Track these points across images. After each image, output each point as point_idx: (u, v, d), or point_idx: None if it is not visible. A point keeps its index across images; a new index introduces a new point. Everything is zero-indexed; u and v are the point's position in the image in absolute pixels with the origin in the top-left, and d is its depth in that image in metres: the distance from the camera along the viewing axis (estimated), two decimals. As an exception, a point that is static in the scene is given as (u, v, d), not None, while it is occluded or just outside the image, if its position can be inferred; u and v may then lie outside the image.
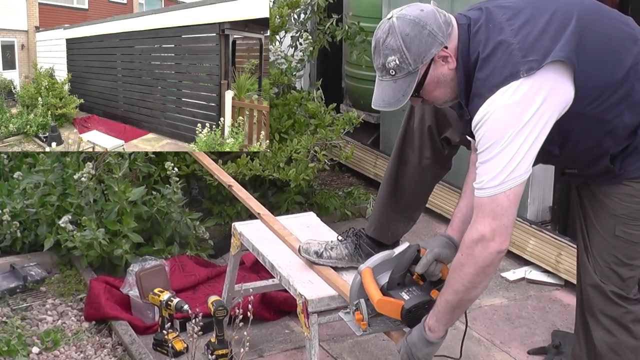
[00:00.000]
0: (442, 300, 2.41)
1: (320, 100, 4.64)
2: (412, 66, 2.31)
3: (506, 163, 2.22)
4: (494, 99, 2.22)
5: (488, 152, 2.24)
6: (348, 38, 4.68)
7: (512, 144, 2.21)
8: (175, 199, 4.10)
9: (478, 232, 2.27)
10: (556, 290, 4.00)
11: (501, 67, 2.24)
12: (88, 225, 3.88)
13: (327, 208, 4.68)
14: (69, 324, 3.68)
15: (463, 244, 2.32)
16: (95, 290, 3.69)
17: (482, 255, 2.27)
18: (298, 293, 2.82)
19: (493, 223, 2.26)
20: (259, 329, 3.62)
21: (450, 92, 2.40)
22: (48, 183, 4.17)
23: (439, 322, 2.44)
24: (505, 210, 2.26)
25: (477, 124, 2.26)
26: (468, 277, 2.31)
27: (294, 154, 4.24)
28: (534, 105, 2.21)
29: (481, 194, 2.27)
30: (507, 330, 3.66)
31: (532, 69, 2.21)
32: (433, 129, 2.75)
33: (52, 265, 4.17)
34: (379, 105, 2.39)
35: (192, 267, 4.00)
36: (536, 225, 4.24)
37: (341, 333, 3.59)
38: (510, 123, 2.21)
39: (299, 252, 2.96)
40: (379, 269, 2.57)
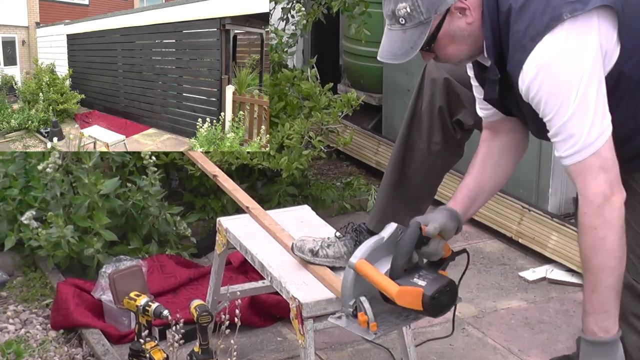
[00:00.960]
0: (603, 291, 2.28)
1: (315, 80, 4.64)
2: (424, 15, 2.30)
3: (593, 113, 2.20)
4: (542, 52, 2.21)
5: (563, 110, 2.21)
6: (346, 9, 4.66)
7: (586, 92, 2.20)
8: (153, 191, 4.09)
9: (598, 195, 2.22)
10: (581, 291, 3.98)
11: (540, 13, 2.23)
12: (54, 222, 3.86)
13: (324, 201, 4.69)
14: (34, 333, 3.67)
15: (587, 218, 2.24)
16: (63, 295, 3.68)
17: (613, 214, 2.23)
18: (291, 296, 2.81)
19: (607, 177, 2.23)
20: (248, 336, 3.62)
21: (467, 50, 2.38)
22: (8, 175, 4.16)
23: (613, 316, 2.31)
24: (611, 160, 2.24)
25: (531, 84, 2.24)
26: (616, 245, 2.24)
27: (285, 140, 4.24)
28: (589, 50, 2.20)
29: (583, 155, 2.23)
30: (527, 336, 3.66)
31: (575, 10, 2.20)
32: (444, 111, 2.74)
33: (14, 267, 4.16)
34: (385, 56, 2.38)
35: (172, 268, 4.00)
36: (558, 218, 4.24)
37: (340, 340, 3.59)
38: (573, 72, 2.19)
39: (292, 250, 2.95)
40: (372, 258, 2.50)
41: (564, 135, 2.24)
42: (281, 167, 4.22)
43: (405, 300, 2.43)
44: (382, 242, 2.52)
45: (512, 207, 4.41)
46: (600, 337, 2.30)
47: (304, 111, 4.48)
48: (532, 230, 4.27)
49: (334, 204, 4.76)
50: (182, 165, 4.34)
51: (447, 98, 2.73)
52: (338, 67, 6.02)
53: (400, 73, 5.10)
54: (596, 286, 2.28)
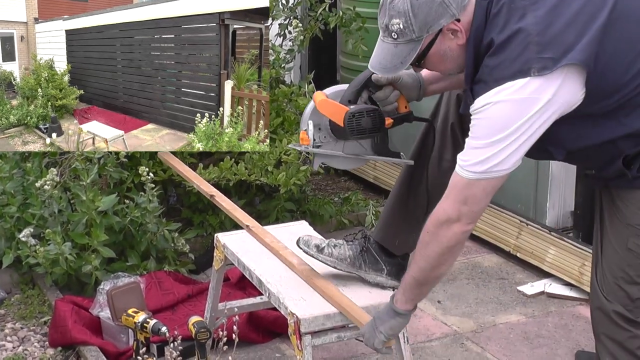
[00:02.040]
0: (408, 276, 2.57)
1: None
2: (416, 34, 2.35)
3: (495, 153, 2.32)
4: (498, 92, 2.28)
5: (479, 140, 2.33)
6: (343, 25, 4.67)
7: (506, 138, 2.30)
8: (151, 208, 4.08)
9: (445, 214, 2.41)
10: (580, 305, 4.00)
11: (513, 59, 2.27)
12: (52, 239, 3.85)
13: (322, 216, 4.68)
14: (32, 350, 3.66)
15: (429, 222, 2.47)
16: (61, 312, 3.67)
17: (446, 235, 2.43)
18: (289, 312, 2.80)
19: (462, 208, 2.39)
20: (246, 352, 3.60)
21: (455, 67, 2.47)
22: (6, 192, 4.15)
23: (406, 297, 2.59)
24: (477, 200, 2.39)
25: (476, 111, 2.34)
26: (433, 255, 2.47)
27: (283, 156, 4.23)
28: (537, 105, 2.28)
29: (462, 172, 2.37)
30: (525, 351, 3.64)
31: (545, 68, 2.25)
32: (456, 127, 2.77)
33: (12, 284, 4.15)
34: (375, 67, 2.48)
35: (170, 285, 3.99)
36: (556, 232, 4.23)
37: (338, 356, 3.58)
38: (508, 119, 2.29)
39: (298, 243, 2.97)
40: (334, 97, 2.73)
41: (469, 151, 2.37)
42: (279, 183, 4.21)
43: (328, 109, 2.69)
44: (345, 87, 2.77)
45: (510, 221, 4.40)
46: (392, 302, 2.64)
47: (301, 127, 4.47)
48: (530, 245, 4.27)
49: (332, 220, 4.75)
50: (180, 181, 4.33)
51: (459, 114, 2.75)
52: (335, 83, 5.98)
53: None
54: (409, 268, 2.63)
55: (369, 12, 4.95)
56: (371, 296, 2.86)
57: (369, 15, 4.55)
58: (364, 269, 2.92)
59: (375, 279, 2.92)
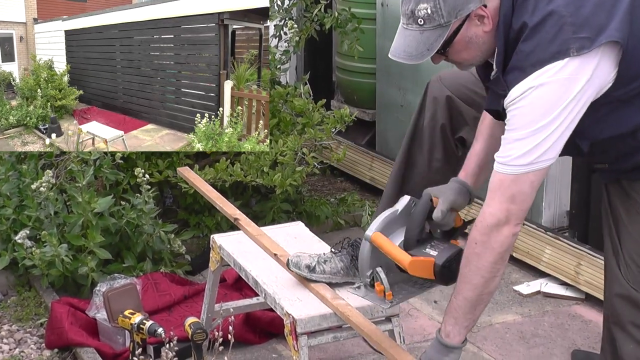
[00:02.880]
0: (459, 299, 2.41)
1: (308, 96, 4.63)
2: (444, 19, 2.30)
3: (541, 142, 2.25)
4: (538, 75, 2.23)
5: (522, 129, 2.26)
6: (338, 26, 4.67)
7: (550, 125, 2.24)
8: (147, 209, 4.07)
9: (493, 217, 2.31)
10: (576, 304, 3.99)
11: (549, 41, 2.24)
12: (48, 241, 3.84)
13: (318, 217, 4.67)
14: (28, 352, 3.65)
15: (476, 232, 2.34)
16: (58, 314, 3.66)
17: (498, 240, 2.31)
18: (285, 312, 2.80)
19: (511, 207, 2.29)
20: (243, 353, 3.60)
21: (479, 56, 2.41)
22: (2, 194, 4.15)
23: (459, 325, 2.43)
24: (526, 196, 2.30)
25: (515, 100, 2.27)
26: (487, 266, 2.34)
27: (279, 157, 4.22)
28: (577, 85, 2.23)
29: (505, 169, 2.29)
30: (522, 350, 3.64)
31: (583, 47, 2.21)
32: (446, 128, 2.76)
33: (8, 286, 4.14)
34: (399, 55, 2.37)
35: (166, 286, 3.98)
36: (552, 232, 4.23)
37: (335, 357, 3.57)
38: (551, 103, 2.23)
39: (288, 266, 2.94)
40: (387, 230, 2.55)
41: (509, 146, 2.29)
42: (275, 184, 4.21)
43: (417, 270, 2.49)
44: (396, 215, 2.57)
45: (505, 221, 4.39)
46: (441, 338, 2.45)
47: (297, 128, 4.47)
48: (526, 244, 4.26)
49: (328, 220, 4.74)
50: (175, 183, 4.32)
51: (449, 116, 2.75)
52: (331, 84, 6.02)
53: (393, 89, 5.09)
54: (457, 292, 2.43)
55: (365, 12, 4.96)
56: (366, 296, 2.85)
57: (364, 16, 4.55)
58: (359, 276, 2.90)
59: None
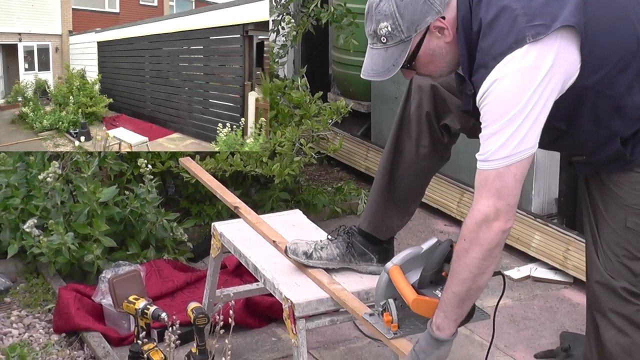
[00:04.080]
0: (448, 293, 2.40)
1: (305, 89, 4.65)
2: (404, 34, 2.33)
3: (514, 132, 2.23)
4: (500, 68, 2.24)
5: (494, 123, 2.25)
6: (334, 21, 4.68)
7: (520, 114, 2.22)
8: (150, 198, 4.10)
9: (481, 214, 2.28)
10: (564, 288, 4.02)
11: (505, 33, 2.25)
12: (55, 230, 3.87)
13: (315, 205, 4.70)
14: (37, 337, 3.68)
15: (465, 228, 2.33)
16: (65, 300, 3.69)
17: (487, 237, 2.29)
18: (284, 297, 2.82)
19: (498, 203, 2.27)
20: (243, 337, 3.63)
21: (446, 66, 2.42)
22: (10, 185, 4.17)
23: (448, 319, 2.43)
24: (510, 190, 2.27)
25: (483, 95, 2.28)
26: (475, 262, 2.32)
27: (277, 148, 4.24)
28: (540, 72, 2.22)
29: (486, 166, 2.28)
30: (512, 332, 3.68)
31: (539, 34, 2.22)
32: (431, 116, 2.76)
33: (17, 273, 4.16)
34: (368, 74, 2.42)
35: (169, 272, 4.01)
36: (541, 219, 4.26)
37: (332, 340, 3.60)
38: (517, 92, 2.22)
39: (286, 253, 2.96)
40: (407, 266, 2.57)
41: (485, 142, 2.28)
42: (274, 174, 4.23)
43: (420, 308, 2.50)
44: (420, 253, 2.58)
45: (496, 208, 4.42)
46: (432, 331, 2.44)
47: (294, 119, 4.48)
48: (516, 231, 4.28)
49: (325, 208, 4.76)
50: (177, 173, 4.34)
51: (434, 104, 2.75)
52: (327, 76, 6.03)
53: (388, 81, 5.01)
54: (447, 287, 2.40)
55: (360, 7, 4.93)
56: (362, 281, 2.88)
57: (359, 11, 4.52)
58: (354, 262, 2.94)
59: (367, 268, 2.94)
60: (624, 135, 2.42)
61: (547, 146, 2.51)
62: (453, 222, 4.65)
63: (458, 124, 2.76)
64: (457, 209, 4.61)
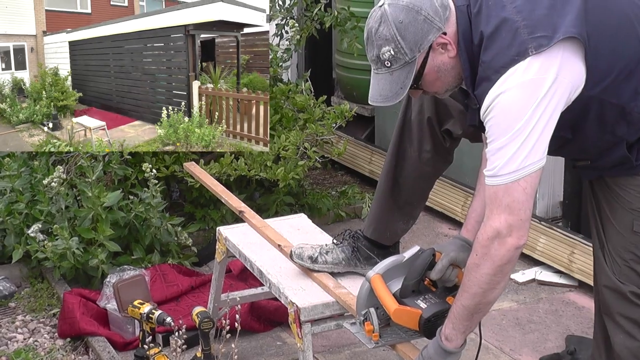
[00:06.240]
0: (458, 305, 2.37)
1: (310, 93, 4.64)
2: (408, 56, 2.29)
3: (520, 146, 2.20)
4: (503, 82, 2.21)
5: (500, 137, 2.22)
6: (338, 24, 4.68)
7: (525, 127, 2.19)
8: (155, 203, 4.09)
9: (493, 229, 2.24)
10: (569, 291, 4.01)
11: (507, 46, 2.22)
12: (60, 234, 3.86)
13: (320, 209, 4.69)
14: (42, 341, 3.67)
15: (477, 243, 2.29)
16: (70, 305, 3.68)
17: (499, 253, 2.25)
18: (289, 301, 2.81)
19: (510, 218, 2.23)
20: (249, 341, 3.62)
21: (451, 81, 2.38)
22: (15, 189, 4.17)
23: (457, 330, 2.39)
24: (521, 204, 2.23)
25: (487, 110, 2.25)
26: (485, 278, 2.28)
27: (282, 152, 4.24)
28: (544, 85, 2.19)
29: (495, 181, 2.24)
30: (517, 336, 3.66)
31: (541, 45, 2.19)
32: (433, 121, 2.74)
33: (22, 278, 4.16)
34: (376, 100, 2.38)
35: (174, 277, 4.00)
36: (546, 222, 4.24)
37: (337, 344, 3.59)
38: (521, 105, 2.19)
39: (292, 257, 2.95)
40: (389, 275, 2.53)
41: (492, 157, 2.25)
42: (278, 178, 4.22)
43: (401, 318, 2.48)
44: (402, 262, 2.55)
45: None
46: (441, 341, 2.41)
47: (299, 123, 4.48)
48: (521, 234, 4.26)
49: (329, 212, 4.76)
50: (182, 177, 4.34)
51: (435, 109, 2.73)
52: (331, 80, 6.02)
53: None
54: (457, 299, 2.38)
55: (363, 11, 4.95)
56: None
57: (363, 15, 4.53)
58: (360, 266, 2.92)
59: None
60: (629, 141, 2.41)
61: (552, 153, 2.49)
62: (457, 225, 4.63)
63: (460, 128, 2.74)
64: (462, 212, 4.59)
